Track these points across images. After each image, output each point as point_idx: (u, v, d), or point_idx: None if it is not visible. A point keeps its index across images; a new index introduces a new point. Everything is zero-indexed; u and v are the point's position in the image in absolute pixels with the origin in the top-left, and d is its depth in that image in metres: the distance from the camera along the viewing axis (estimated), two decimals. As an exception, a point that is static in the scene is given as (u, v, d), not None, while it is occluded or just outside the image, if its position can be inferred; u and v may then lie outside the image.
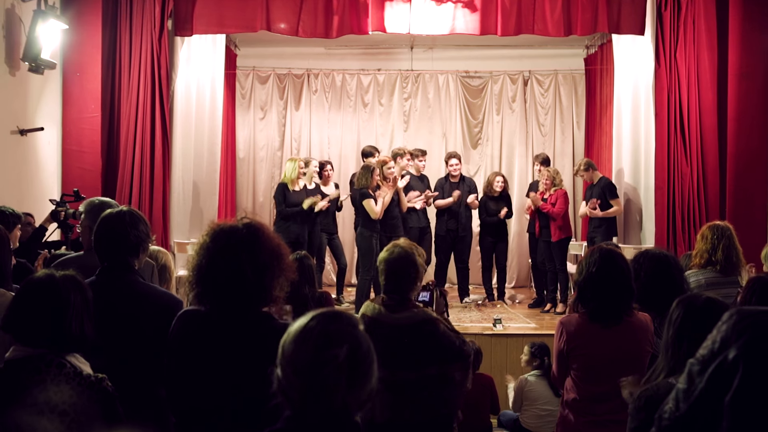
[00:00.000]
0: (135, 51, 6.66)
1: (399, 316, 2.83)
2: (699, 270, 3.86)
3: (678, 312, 2.09)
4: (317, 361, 1.44)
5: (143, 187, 6.69)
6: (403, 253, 2.89)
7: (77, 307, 2.03)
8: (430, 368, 2.82)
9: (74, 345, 2.03)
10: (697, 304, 2.07)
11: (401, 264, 2.88)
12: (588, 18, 6.68)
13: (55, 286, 2.03)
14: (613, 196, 6.86)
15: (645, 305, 3.00)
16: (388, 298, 2.88)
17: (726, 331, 1.30)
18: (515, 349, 5.78)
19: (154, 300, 2.56)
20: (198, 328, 2.09)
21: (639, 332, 2.87)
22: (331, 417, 1.46)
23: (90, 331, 2.07)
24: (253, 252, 2.02)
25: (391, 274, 2.88)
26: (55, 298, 2.01)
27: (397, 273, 2.88)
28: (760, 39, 6.49)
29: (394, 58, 9.14)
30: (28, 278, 2.11)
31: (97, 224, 2.66)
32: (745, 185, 6.53)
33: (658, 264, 3.04)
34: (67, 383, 1.94)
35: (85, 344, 2.06)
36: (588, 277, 2.87)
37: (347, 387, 1.45)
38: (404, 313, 2.84)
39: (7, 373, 1.96)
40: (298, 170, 6.78)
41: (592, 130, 8.73)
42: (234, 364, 2.00)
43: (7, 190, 5.46)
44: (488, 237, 7.59)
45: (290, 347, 1.48)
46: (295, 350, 1.46)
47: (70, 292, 2.03)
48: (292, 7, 6.67)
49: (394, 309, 2.85)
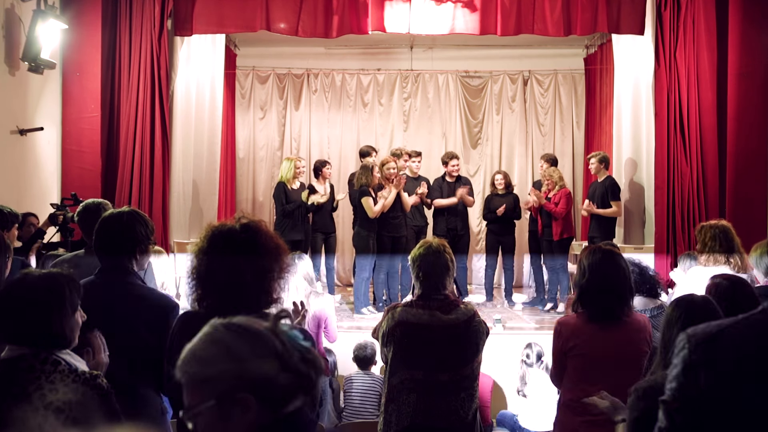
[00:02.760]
0: (135, 51, 6.65)
1: (450, 316, 2.87)
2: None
3: (678, 312, 2.17)
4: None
5: (143, 187, 6.68)
6: (435, 248, 2.91)
7: (57, 305, 2.01)
8: (472, 362, 2.89)
9: (58, 342, 2.02)
10: (697, 303, 2.16)
11: (436, 258, 2.89)
12: (588, 18, 6.67)
13: (32, 286, 2.01)
14: (615, 198, 6.86)
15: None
16: (431, 301, 2.89)
17: (681, 369, 1.33)
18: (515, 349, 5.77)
19: (149, 302, 2.56)
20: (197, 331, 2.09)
21: (637, 333, 2.88)
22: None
23: (71, 328, 2.05)
24: (251, 255, 2.01)
25: (427, 270, 2.89)
26: (39, 297, 1.99)
27: (434, 268, 2.89)
28: (760, 39, 6.48)
29: (394, 57, 9.14)
30: (11, 279, 2.11)
31: (99, 224, 2.67)
32: (745, 185, 6.52)
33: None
34: (62, 381, 1.93)
35: (69, 342, 2.05)
36: (588, 277, 2.87)
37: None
38: (453, 312, 2.88)
39: (2, 372, 1.96)
40: (294, 169, 6.89)
41: (591, 130, 8.72)
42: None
43: (6, 190, 5.46)
44: (491, 234, 7.59)
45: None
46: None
47: (47, 290, 2.01)
48: (291, 6, 6.66)
49: (442, 309, 2.87)
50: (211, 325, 1.30)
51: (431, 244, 2.95)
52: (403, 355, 2.86)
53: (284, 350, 1.25)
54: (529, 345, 5.14)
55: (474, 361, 2.95)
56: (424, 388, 2.85)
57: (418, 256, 2.93)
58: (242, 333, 1.27)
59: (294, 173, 6.93)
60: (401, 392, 2.88)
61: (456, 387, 2.87)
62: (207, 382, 1.24)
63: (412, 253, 2.98)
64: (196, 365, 1.25)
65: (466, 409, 2.90)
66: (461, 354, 2.89)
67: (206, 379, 1.24)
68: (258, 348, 1.25)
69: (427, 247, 2.93)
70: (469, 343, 2.92)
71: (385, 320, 2.96)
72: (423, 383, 2.85)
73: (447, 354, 2.86)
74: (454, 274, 2.97)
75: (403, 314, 2.89)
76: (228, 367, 1.23)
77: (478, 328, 2.96)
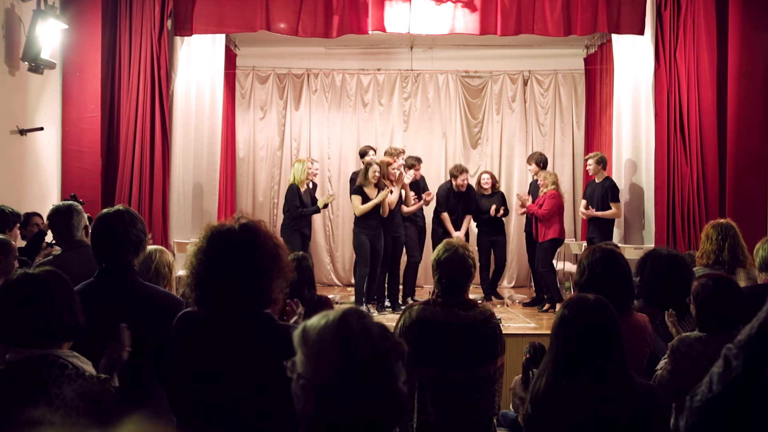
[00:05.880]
0: (135, 51, 6.66)
1: (468, 314, 2.91)
2: (705, 268, 3.86)
3: (571, 313, 2.24)
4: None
5: (143, 186, 6.69)
6: (461, 253, 2.93)
7: (63, 297, 1.99)
8: (488, 365, 2.92)
9: (69, 334, 2.00)
10: (591, 304, 2.24)
11: (461, 264, 2.92)
12: (588, 18, 6.67)
13: (35, 281, 1.99)
14: (615, 200, 6.86)
15: (654, 304, 3.03)
16: (451, 299, 2.92)
17: (765, 317, 1.31)
18: (515, 349, 5.77)
19: (155, 301, 2.56)
20: (197, 331, 2.08)
21: (637, 333, 2.87)
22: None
23: (81, 318, 2.03)
24: (249, 255, 2.00)
25: (451, 273, 2.91)
26: (37, 293, 1.97)
27: (457, 272, 2.92)
28: (760, 39, 6.49)
29: (394, 57, 9.13)
30: (5, 282, 2.07)
31: (95, 224, 2.66)
32: (745, 185, 6.53)
33: (673, 264, 3.11)
34: (69, 385, 1.91)
35: (78, 332, 2.03)
36: (588, 277, 2.87)
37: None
38: (471, 311, 2.92)
39: (8, 374, 1.93)
40: (307, 171, 6.83)
41: (591, 130, 8.72)
42: (234, 366, 2.00)
43: (6, 190, 5.46)
44: (485, 236, 7.62)
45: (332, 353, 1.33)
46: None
47: (51, 283, 1.99)
48: (291, 6, 6.66)
49: (461, 308, 2.91)
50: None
51: (457, 249, 2.94)
52: (420, 352, 2.87)
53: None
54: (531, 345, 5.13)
55: (491, 364, 2.93)
56: (438, 386, 2.87)
57: (443, 260, 2.93)
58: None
59: (307, 175, 6.83)
60: (417, 390, 2.90)
61: (471, 387, 2.88)
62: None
63: (435, 254, 2.99)
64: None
65: (480, 411, 2.89)
66: (477, 353, 2.90)
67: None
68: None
69: (453, 252, 2.93)
70: (486, 343, 2.92)
71: (402, 318, 2.99)
72: (438, 381, 2.88)
73: (463, 351, 2.87)
74: (474, 275, 2.99)
75: (422, 312, 2.92)
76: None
77: (496, 330, 2.97)
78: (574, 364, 2.16)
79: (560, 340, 2.20)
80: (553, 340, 2.25)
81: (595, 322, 2.17)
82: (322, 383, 1.32)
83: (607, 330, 2.17)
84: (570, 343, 2.18)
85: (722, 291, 2.66)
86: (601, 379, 2.13)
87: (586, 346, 2.16)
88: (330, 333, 1.34)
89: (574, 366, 2.16)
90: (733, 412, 1.30)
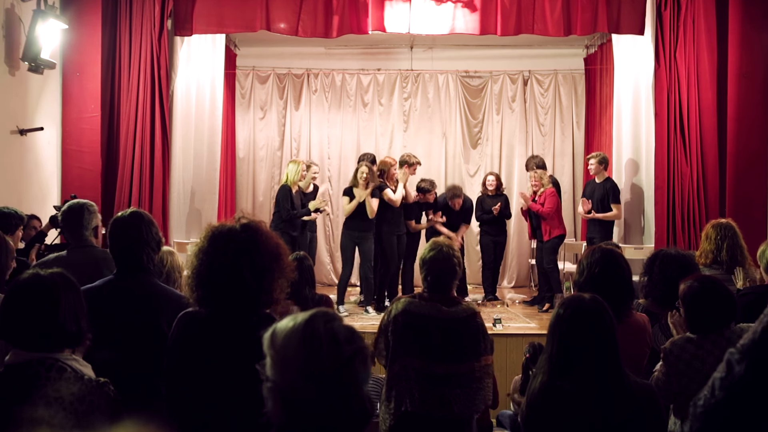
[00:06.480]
0: (135, 51, 6.66)
1: (451, 309, 3.00)
2: (704, 268, 3.88)
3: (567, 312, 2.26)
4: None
5: (143, 186, 6.69)
6: (446, 252, 3.03)
7: (69, 303, 1.98)
8: (471, 361, 2.99)
9: (70, 341, 1.99)
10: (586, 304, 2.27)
11: (446, 263, 3.02)
12: (588, 18, 6.67)
13: (44, 285, 1.97)
14: (615, 201, 6.86)
15: (663, 303, 3.05)
16: (435, 295, 3.03)
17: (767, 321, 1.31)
18: (515, 349, 5.78)
19: (170, 300, 2.59)
20: (198, 331, 2.09)
21: (637, 333, 2.88)
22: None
23: (85, 325, 2.02)
24: (251, 254, 2.01)
25: (437, 272, 3.02)
26: (44, 297, 1.95)
27: (442, 271, 3.02)
28: (760, 39, 6.49)
29: (394, 57, 9.13)
30: (14, 281, 2.05)
31: (115, 226, 2.68)
32: (745, 185, 6.53)
33: (683, 264, 3.18)
34: (68, 388, 1.89)
35: (81, 339, 2.02)
36: (588, 277, 2.87)
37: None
38: (454, 307, 3.01)
39: (7, 377, 1.92)
40: (301, 173, 6.81)
41: (592, 130, 8.72)
42: (234, 366, 2.00)
43: (6, 190, 5.46)
44: (487, 235, 7.63)
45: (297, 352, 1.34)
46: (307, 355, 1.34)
47: (59, 288, 1.98)
48: (291, 6, 6.66)
49: (444, 303, 3.00)
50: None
51: (442, 248, 3.06)
52: (403, 342, 2.99)
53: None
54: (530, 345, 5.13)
55: (474, 362, 2.98)
56: (420, 377, 2.96)
57: (428, 259, 3.05)
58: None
59: (300, 177, 6.81)
60: (401, 379, 2.98)
61: (451, 381, 2.95)
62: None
63: (421, 254, 3.13)
64: None
65: (460, 406, 2.95)
66: (459, 348, 2.98)
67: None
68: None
69: (438, 251, 3.05)
70: (468, 340, 3.00)
71: (390, 309, 3.11)
72: (419, 372, 2.96)
73: (445, 346, 2.96)
74: (459, 273, 3.10)
75: (408, 305, 3.03)
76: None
77: (479, 328, 3.03)
78: (569, 363, 2.16)
79: (555, 339, 2.21)
80: (548, 339, 2.27)
81: (591, 321, 2.18)
82: (287, 386, 1.32)
83: (602, 329, 2.17)
84: (565, 343, 2.18)
85: (708, 292, 2.67)
86: (595, 379, 2.13)
87: (581, 345, 2.16)
88: (296, 336, 1.33)
89: (569, 365, 2.16)
90: (737, 417, 1.30)
